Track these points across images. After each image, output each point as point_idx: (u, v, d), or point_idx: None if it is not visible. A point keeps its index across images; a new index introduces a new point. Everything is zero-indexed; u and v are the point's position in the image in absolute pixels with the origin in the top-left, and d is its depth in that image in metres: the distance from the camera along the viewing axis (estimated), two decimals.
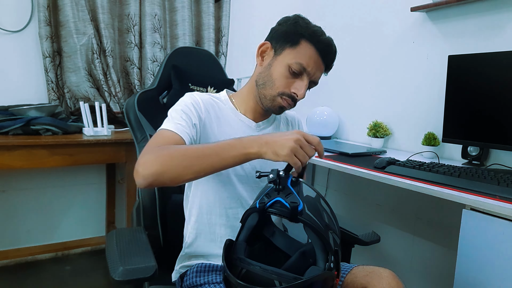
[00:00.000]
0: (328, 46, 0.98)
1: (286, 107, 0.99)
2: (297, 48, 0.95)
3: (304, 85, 0.96)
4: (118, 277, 0.79)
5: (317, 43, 0.96)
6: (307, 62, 0.95)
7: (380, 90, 2.04)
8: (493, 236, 1.01)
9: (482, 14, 1.56)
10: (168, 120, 0.91)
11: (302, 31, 0.96)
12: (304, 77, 0.96)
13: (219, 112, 1.01)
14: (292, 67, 0.94)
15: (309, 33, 0.95)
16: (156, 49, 2.27)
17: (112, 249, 0.92)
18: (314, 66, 0.96)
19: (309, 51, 0.95)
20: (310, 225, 0.73)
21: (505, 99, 1.35)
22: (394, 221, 2.00)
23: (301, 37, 0.95)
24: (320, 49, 0.96)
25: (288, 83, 0.96)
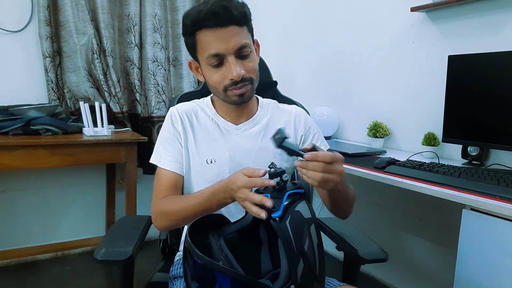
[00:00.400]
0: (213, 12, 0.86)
1: (243, 92, 0.92)
2: (199, 47, 0.91)
3: (232, 66, 0.88)
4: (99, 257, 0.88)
5: (202, 23, 0.87)
6: (213, 48, 0.88)
7: (380, 90, 2.04)
8: (493, 236, 1.01)
9: (482, 14, 1.56)
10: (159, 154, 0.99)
11: (188, 30, 0.91)
12: (226, 60, 0.89)
13: (196, 121, 1.01)
14: (210, 63, 0.90)
15: (194, 22, 0.88)
16: (157, 49, 2.27)
17: (108, 233, 1.02)
18: (220, 43, 0.87)
19: (204, 37, 0.88)
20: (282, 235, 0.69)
21: (505, 99, 1.35)
22: (394, 221, 2.00)
23: (193, 36, 0.90)
24: (208, 23, 0.87)
25: (221, 76, 0.91)
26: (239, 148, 0.99)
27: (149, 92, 2.29)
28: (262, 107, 1.07)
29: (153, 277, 1.07)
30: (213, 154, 0.98)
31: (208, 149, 0.98)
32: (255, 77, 0.94)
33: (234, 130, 1.01)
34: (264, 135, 1.02)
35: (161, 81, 2.30)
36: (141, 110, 2.30)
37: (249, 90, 0.94)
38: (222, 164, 0.97)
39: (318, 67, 2.42)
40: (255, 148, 1.00)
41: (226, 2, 0.87)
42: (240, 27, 0.89)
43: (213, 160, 0.97)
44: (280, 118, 1.06)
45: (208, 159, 0.98)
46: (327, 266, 0.79)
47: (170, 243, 1.21)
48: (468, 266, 1.07)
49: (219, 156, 0.98)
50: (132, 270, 0.95)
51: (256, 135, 1.02)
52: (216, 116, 1.02)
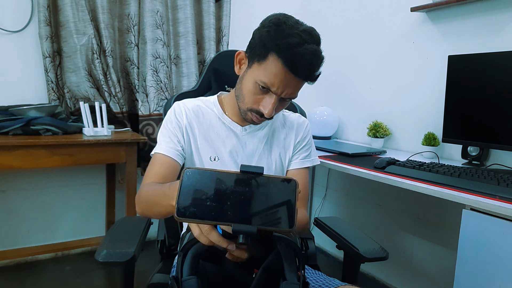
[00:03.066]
0: (300, 60, 0.83)
1: (256, 122, 0.94)
2: (264, 64, 0.86)
3: (271, 103, 0.88)
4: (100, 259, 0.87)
5: (286, 58, 0.83)
6: (272, 81, 0.85)
7: (380, 90, 2.04)
8: (493, 236, 1.01)
9: (482, 14, 1.56)
10: (160, 142, 0.97)
11: (270, 43, 0.84)
12: (272, 95, 0.88)
13: (202, 118, 1.01)
14: (259, 84, 0.87)
15: (278, 45, 0.83)
16: (159, 45, 2.26)
17: (108, 234, 1.01)
18: (281, 85, 0.86)
19: (275, 67, 0.84)
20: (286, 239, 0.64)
21: (505, 99, 1.35)
22: (394, 221, 2.00)
23: (268, 51, 0.85)
24: (289, 64, 0.83)
25: (256, 99, 0.90)
26: (242, 149, 1.01)
27: (151, 89, 2.26)
28: None
29: (152, 278, 1.07)
30: (216, 151, 0.99)
31: (212, 147, 0.99)
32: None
33: (239, 131, 1.02)
34: (268, 140, 1.04)
35: (164, 78, 2.29)
36: (141, 108, 2.29)
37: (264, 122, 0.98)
38: (225, 162, 0.98)
39: None
40: (258, 151, 1.02)
41: (316, 60, 0.86)
42: (303, 82, 0.89)
43: (217, 157, 0.98)
44: (283, 125, 1.09)
45: (212, 156, 0.98)
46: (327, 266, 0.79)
47: (168, 243, 1.21)
48: (468, 266, 1.07)
49: (223, 155, 0.99)
50: (133, 271, 0.95)
51: (260, 139, 1.03)
52: (222, 116, 1.02)
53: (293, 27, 0.85)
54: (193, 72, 2.37)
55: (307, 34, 0.85)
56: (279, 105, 0.92)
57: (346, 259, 1.08)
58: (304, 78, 0.87)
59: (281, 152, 1.05)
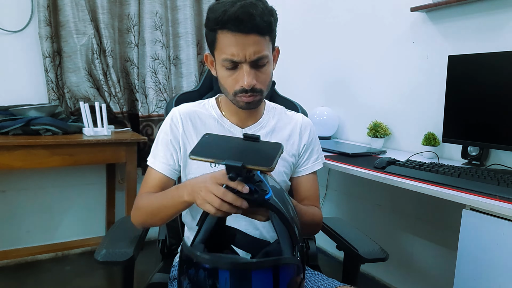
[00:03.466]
0: (240, 16, 0.83)
1: (250, 101, 0.92)
2: (217, 45, 0.88)
3: (244, 74, 0.87)
4: (100, 258, 0.88)
5: (227, 23, 0.84)
6: (230, 51, 0.85)
7: (380, 90, 2.04)
8: (493, 236, 1.01)
9: (482, 14, 1.56)
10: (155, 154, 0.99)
11: (212, 25, 0.87)
12: (243, 66, 0.87)
13: (200, 123, 0.99)
14: (225, 65, 0.88)
15: (216, 20, 0.85)
16: (158, 47, 2.26)
17: (108, 234, 1.02)
18: (239, 49, 0.85)
19: (225, 39, 0.85)
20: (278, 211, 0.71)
21: (505, 99, 1.35)
22: (394, 221, 2.00)
23: (215, 32, 0.87)
24: (233, 27, 0.84)
25: (233, 80, 0.90)
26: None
27: (150, 90, 2.27)
28: (268, 111, 1.06)
29: (152, 278, 1.07)
30: None
31: None
32: (265, 88, 0.93)
33: (240, 134, 0.99)
34: (270, 139, 1.01)
35: (162, 80, 2.30)
36: (140, 109, 2.29)
37: (257, 100, 0.93)
38: None
39: (318, 67, 2.42)
40: None
41: (253, 8, 0.84)
42: (262, 37, 0.87)
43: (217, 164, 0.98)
44: (286, 124, 1.06)
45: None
46: (328, 266, 0.79)
47: (169, 243, 1.21)
48: (468, 266, 1.07)
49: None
50: (132, 271, 0.95)
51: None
52: (221, 118, 1.01)
53: (223, 2, 0.86)
54: (192, 72, 2.37)
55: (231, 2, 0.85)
56: (258, 73, 0.90)
57: (346, 260, 1.08)
58: (254, 31, 0.85)
59: (286, 152, 1.03)
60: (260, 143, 0.73)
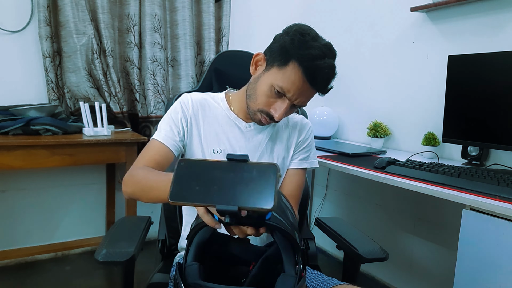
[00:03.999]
0: (319, 73, 0.88)
1: (264, 123, 0.98)
2: (284, 70, 0.89)
3: (283, 108, 0.92)
4: (100, 258, 0.87)
5: (306, 68, 0.87)
6: (289, 87, 0.89)
7: (380, 91, 2.04)
8: (493, 236, 1.01)
9: (482, 14, 1.56)
10: (160, 129, 0.99)
11: (293, 51, 0.88)
12: (286, 101, 0.92)
13: (209, 111, 1.03)
14: (275, 88, 0.90)
15: (301, 55, 0.87)
16: (156, 49, 2.27)
17: (108, 234, 1.01)
18: (297, 92, 0.90)
19: (294, 75, 0.88)
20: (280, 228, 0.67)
21: (505, 99, 1.35)
22: (394, 221, 2.00)
23: (290, 58, 0.88)
24: (309, 75, 0.88)
25: (269, 102, 0.93)
26: (246, 144, 1.02)
27: (148, 91, 2.28)
28: None
29: (152, 278, 1.07)
30: (220, 145, 1.01)
31: (216, 140, 1.01)
32: None
33: (244, 127, 1.04)
34: (272, 137, 1.06)
35: (160, 81, 2.30)
36: (140, 110, 2.30)
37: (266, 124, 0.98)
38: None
39: None
40: (261, 147, 1.04)
41: (332, 75, 0.90)
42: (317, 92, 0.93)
43: (220, 150, 1.00)
44: (287, 124, 1.10)
45: (215, 149, 1.00)
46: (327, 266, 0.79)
47: (169, 243, 1.21)
48: (468, 266, 1.07)
49: (226, 148, 1.01)
50: (132, 271, 0.95)
51: (264, 135, 1.05)
52: (228, 111, 1.04)
53: (315, 40, 0.90)
54: (189, 74, 2.38)
55: (327, 48, 0.90)
56: (289, 111, 0.95)
57: (346, 260, 1.08)
58: (318, 89, 0.92)
59: (283, 150, 1.07)
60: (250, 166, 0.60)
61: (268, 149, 1.04)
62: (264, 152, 1.04)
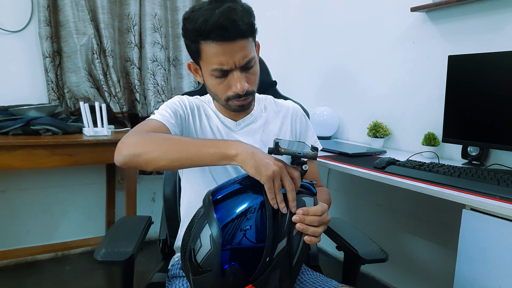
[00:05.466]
0: (220, 25, 0.81)
1: (244, 105, 0.93)
2: (203, 56, 0.87)
3: (237, 80, 0.87)
4: (99, 258, 0.87)
5: (209, 35, 0.82)
6: (218, 61, 0.85)
7: (380, 90, 2.04)
8: (493, 236, 1.01)
9: (482, 14, 1.56)
10: (158, 111, 0.95)
11: (192, 37, 0.86)
12: (233, 73, 0.87)
13: (204, 111, 1.03)
14: (214, 75, 0.88)
15: (197, 31, 0.83)
16: (156, 48, 2.27)
17: (108, 234, 1.01)
18: (228, 57, 0.84)
19: (211, 49, 0.84)
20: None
21: (505, 99, 1.35)
22: (394, 221, 2.00)
23: (197, 44, 0.86)
24: (216, 37, 0.82)
25: (225, 87, 0.90)
26: None
27: (149, 91, 2.29)
28: (258, 102, 1.08)
29: (153, 277, 1.07)
30: None
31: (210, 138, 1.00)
32: (255, 88, 0.95)
33: (234, 127, 1.02)
34: (264, 130, 1.04)
35: (160, 81, 2.30)
36: (140, 110, 2.30)
37: (249, 101, 0.95)
38: None
39: (318, 67, 2.42)
40: (255, 143, 1.00)
41: (233, 14, 0.82)
42: (247, 39, 0.86)
43: None
44: (277, 113, 1.07)
45: None
46: (328, 266, 0.79)
47: (170, 243, 1.21)
48: (468, 266, 1.07)
49: None
50: (132, 271, 0.95)
51: (255, 131, 1.03)
52: (216, 113, 1.03)
53: (199, 10, 0.85)
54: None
55: (214, 2, 0.84)
56: (247, 76, 0.90)
57: (346, 260, 1.08)
58: (239, 36, 0.84)
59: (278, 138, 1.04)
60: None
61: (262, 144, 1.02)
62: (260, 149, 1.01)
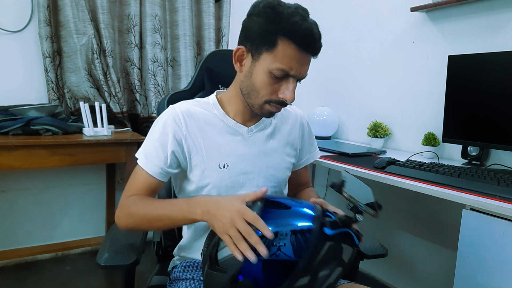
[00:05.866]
0: (310, 36, 0.83)
1: (276, 111, 0.92)
2: (275, 51, 0.83)
3: (291, 88, 0.86)
4: (103, 262, 0.86)
5: (297, 38, 0.82)
6: (290, 64, 0.84)
7: (380, 90, 2.04)
8: (493, 236, 1.01)
9: (482, 14, 1.56)
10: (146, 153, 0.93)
11: (277, 28, 0.82)
12: (290, 80, 0.86)
13: (204, 124, 0.94)
14: (274, 73, 0.84)
15: (285, 28, 0.82)
16: (157, 49, 2.27)
17: (108, 237, 1.00)
18: (298, 66, 0.85)
19: (289, 50, 0.83)
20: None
21: (505, 99, 1.35)
22: (394, 221, 2.00)
23: (277, 36, 0.82)
24: (302, 44, 0.83)
25: (273, 89, 0.87)
26: (251, 151, 0.97)
27: (149, 92, 2.29)
28: None
29: (151, 280, 1.06)
30: (225, 158, 0.93)
31: (220, 154, 0.93)
32: None
33: (246, 133, 0.97)
34: (274, 137, 1.02)
35: (161, 82, 2.31)
36: (141, 110, 2.30)
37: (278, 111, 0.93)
38: (236, 168, 0.94)
39: (318, 67, 2.42)
40: (266, 150, 0.99)
41: (317, 30, 0.85)
42: (312, 58, 0.89)
43: (226, 164, 0.93)
44: (286, 119, 1.07)
45: (221, 164, 0.93)
46: None
47: (165, 245, 1.20)
48: (468, 266, 1.07)
49: (232, 160, 0.94)
50: (133, 273, 0.94)
51: (266, 138, 1.00)
52: (225, 118, 0.96)
53: (288, 7, 0.84)
54: (189, 74, 2.38)
55: (301, 9, 0.85)
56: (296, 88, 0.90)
57: None
58: (313, 53, 0.87)
59: (289, 147, 1.05)
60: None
61: (274, 150, 1.00)
62: (270, 154, 0.99)
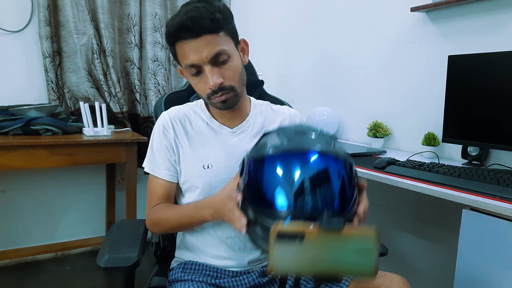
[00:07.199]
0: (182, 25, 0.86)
1: (224, 100, 0.92)
2: (179, 56, 0.92)
3: (210, 75, 0.88)
4: (103, 264, 0.86)
5: (177, 36, 0.88)
6: (190, 57, 0.88)
7: (380, 90, 2.04)
8: (493, 236, 1.01)
9: (482, 14, 1.56)
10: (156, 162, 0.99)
11: (167, 41, 0.92)
12: (204, 68, 0.89)
13: (190, 127, 1.00)
14: (190, 72, 0.91)
15: (169, 33, 0.89)
16: (157, 48, 2.27)
17: (107, 238, 1.00)
18: (196, 53, 0.87)
19: (181, 48, 0.89)
20: None
21: (505, 99, 1.35)
22: (394, 221, 2.00)
23: (173, 46, 0.91)
24: (182, 35, 0.87)
25: (202, 84, 0.91)
26: (235, 151, 0.97)
27: (150, 91, 2.29)
28: (254, 108, 1.06)
29: (151, 281, 1.06)
30: (209, 159, 0.97)
31: (204, 154, 0.97)
32: (236, 83, 0.93)
33: (229, 134, 1.00)
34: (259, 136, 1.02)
35: (161, 81, 2.30)
36: (141, 110, 2.30)
37: (231, 97, 0.93)
38: (219, 169, 0.96)
39: (318, 67, 2.42)
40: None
41: (195, 12, 0.86)
42: (214, 34, 0.88)
43: (210, 165, 0.96)
44: (274, 119, 1.05)
45: (205, 164, 0.96)
46: None
47: (163, 246, 1.20)
48: (468, 266, 1.07)
49: (216, 161, 0.96)
50: (133, 274, 0.94)
51: (252, 138, 1.00)
52: (211, 120, 1.01)
53: (174, 16, 0.90)
54: None
55: (185, 5, 0.90)
56: (222, 71, 0.90)
57: None
58: (203, 32, 0.86)
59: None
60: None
61: None
62: None
